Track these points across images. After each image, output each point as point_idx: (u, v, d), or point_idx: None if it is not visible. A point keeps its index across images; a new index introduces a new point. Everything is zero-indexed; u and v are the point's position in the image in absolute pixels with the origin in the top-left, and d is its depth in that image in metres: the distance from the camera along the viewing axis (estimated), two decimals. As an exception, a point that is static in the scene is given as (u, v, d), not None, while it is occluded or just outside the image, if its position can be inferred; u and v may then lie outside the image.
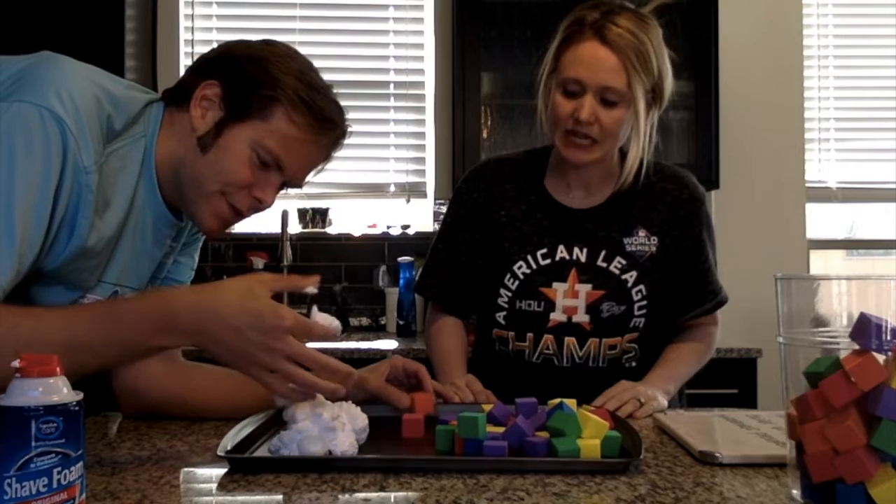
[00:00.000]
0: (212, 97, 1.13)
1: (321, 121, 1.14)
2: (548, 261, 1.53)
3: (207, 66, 1.16)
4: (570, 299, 1.52)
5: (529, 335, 1.54)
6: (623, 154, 1.54)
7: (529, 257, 1.54)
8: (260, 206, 1.17)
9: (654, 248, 1.54)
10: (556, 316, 1.52)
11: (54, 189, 1.00)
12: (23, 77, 1.02)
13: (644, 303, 1.53)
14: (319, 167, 1.22)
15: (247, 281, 1.01)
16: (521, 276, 1.54)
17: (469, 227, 1.61)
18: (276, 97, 1.11)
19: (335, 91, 1.19)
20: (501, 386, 1.46)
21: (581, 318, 1.52)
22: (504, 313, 1.56)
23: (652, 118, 1.49)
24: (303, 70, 1.15)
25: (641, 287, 1.52)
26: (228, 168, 1.12)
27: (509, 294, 1.55)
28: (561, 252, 1.53)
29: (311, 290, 1.05)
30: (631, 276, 1.52)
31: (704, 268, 1.59)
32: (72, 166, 1.01)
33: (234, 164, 1.12)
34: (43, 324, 0.97)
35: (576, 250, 1.53)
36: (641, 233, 1.54)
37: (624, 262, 1.52)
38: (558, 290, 1.52)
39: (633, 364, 1.56)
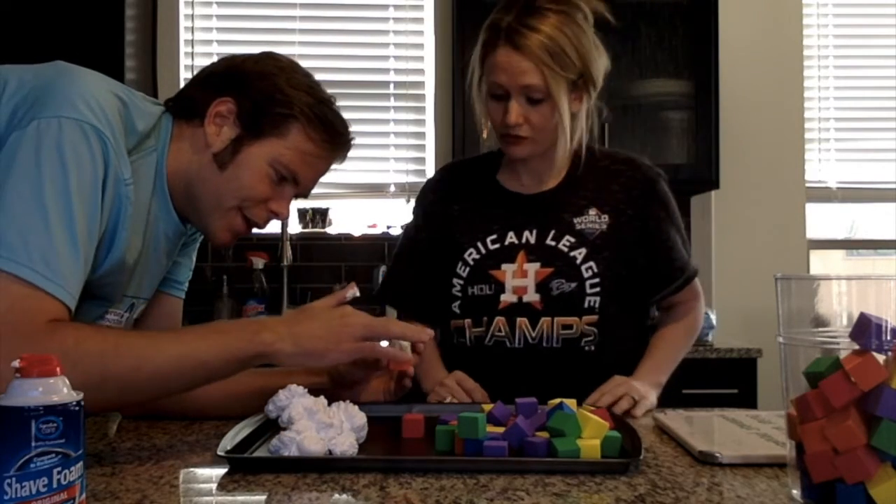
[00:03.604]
0: (226, 114, 1.14)
1: (334, 135, 1.18)
2: (497, 245, 1.54)
3: (217, 81, 1.17)
4: (520, 279, 1.52)
5: (484, 319, 1.54)
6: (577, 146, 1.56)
7: (479, 244, 1.55)
8: (276, 218, 1.21)
9: (604, 226, 1.53)
10: (507, 297, 1.52)
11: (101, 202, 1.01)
12: (47, 91, 1.01)
13: (596, 280, 1.51)
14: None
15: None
16: (472, 262, 1.55)
17: (427, 228, 1.64)
18: (292, 115, 1.14)
19: (336, 99, 1.22)
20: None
21: (531, 297, 1.51)
22: (458, 302, 1.57)
23: (587, 103, 1.51)
24: (311, 84, 1.18)
25: (591, 264, 1.51)
26: (247, 184, 1.15)
27: (461, 282, 1.55)
28: (511, 237, 1.55)
29: (353, 294, 1.20)
30: (580, 253, 1.51)
31: (667, 245, 1.57)
32: (113, 179, 1.03)
33: (253, 181, 1.15)
34: (155, 339, 1.02)
35: (525, 234, 1.54)
36: (592, 212, 1.55)
37: (573, 239, 1.52)
38: (507, 271, 1.52)
39: (592, 348, 1.53)
